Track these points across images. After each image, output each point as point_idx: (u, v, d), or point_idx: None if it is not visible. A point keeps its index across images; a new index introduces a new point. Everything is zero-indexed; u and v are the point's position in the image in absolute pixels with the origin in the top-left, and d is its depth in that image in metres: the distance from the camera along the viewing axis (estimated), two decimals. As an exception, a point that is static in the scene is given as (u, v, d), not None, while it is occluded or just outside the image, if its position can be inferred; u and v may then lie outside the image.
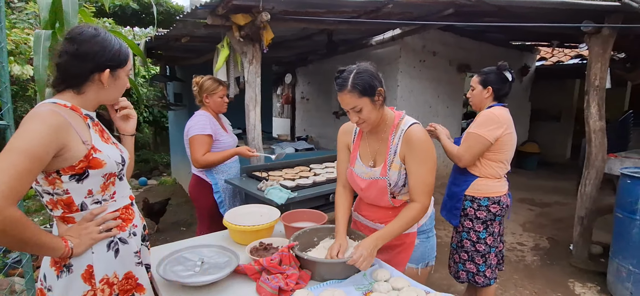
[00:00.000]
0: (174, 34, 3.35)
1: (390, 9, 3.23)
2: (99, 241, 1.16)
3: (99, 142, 1.18)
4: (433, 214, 1.69)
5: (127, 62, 1.23)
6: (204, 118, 2.36)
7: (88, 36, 1.14)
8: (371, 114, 1.43)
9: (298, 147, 4.87)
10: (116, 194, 1.24)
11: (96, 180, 1.15)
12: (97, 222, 1.16)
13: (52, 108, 1.07)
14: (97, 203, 1.18)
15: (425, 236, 1.63)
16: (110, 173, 1.19)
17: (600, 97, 2.97)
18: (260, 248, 1.61)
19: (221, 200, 2.49)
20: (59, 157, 1.06)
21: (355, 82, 1.38)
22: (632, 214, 2.57)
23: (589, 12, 2.82)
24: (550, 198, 5.35)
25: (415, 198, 1.46)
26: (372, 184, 1.54)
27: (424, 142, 1.45)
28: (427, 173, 1.45)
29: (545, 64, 7.46)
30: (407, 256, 1.59)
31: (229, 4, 2.42)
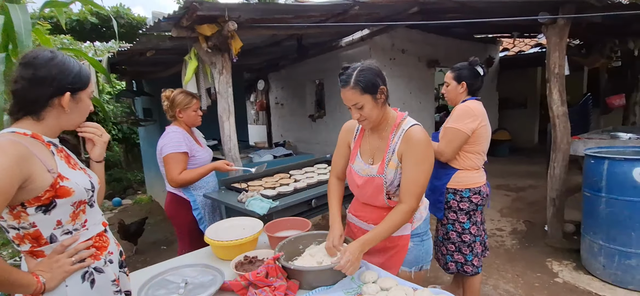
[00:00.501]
0: (138, 48, 3.23)
1: (357, 10, 3.27)
2: (73, 273, 1.10)
3: (65, 168, 1.11)
4: (428, 217, 1.65)
5: (89, 83, 1.17)
6: (178, 135, 2.25)
7: (44, 60, 1.07)
8: (372, 112, 1.44)
9: (276, 153, 4.82)
10: (88, 222, 1.18)
11: (65, 210, 1.09)
12: (69, 253, 1.10)
13: (11, 138, 1.00)
14: (67, 233, 1.11)
15: (420, 240, 1.60)
16: (80, 200, 1.12)
17: (561, 84, 3.12)
18: (245, 262, 1.57)
19: (201, 216, 2.39)
20: (23, 189, 0.99)
21: (358, 79, 1.39)
22: (598, 192, 2.71)
23: (545, 4, 2.97)
24: (524, 182, 5.57)
25: (404, 199, 1.45)
26: (368, 181, 1.53)
27: (423, 143, 1.43)
28: (421, 174, 1.43)
29: (508, 54, 7.79)
30: (400, 259, 1.56)
31: (194, 15, 2.35)
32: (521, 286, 2.85)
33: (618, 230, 2.62)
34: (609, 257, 2.71)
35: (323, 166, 3.17)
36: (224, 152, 3.03)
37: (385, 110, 1.51)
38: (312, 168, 3.08)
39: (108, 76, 3.41)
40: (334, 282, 1.40)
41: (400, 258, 1.57)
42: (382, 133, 1.54)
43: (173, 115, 2.33)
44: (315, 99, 6.98)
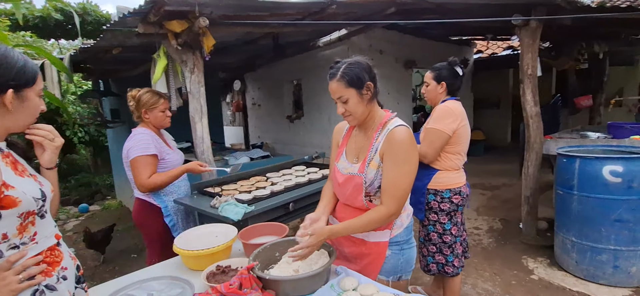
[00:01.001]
0: (102, 45, 3.03)
1: (334, 9, 3.21)
2: (20, 291, 0.98)
3: (11, 176, 1.00)
4: (410, 226, 1.56)
5: (36, 79, 1.06)
6: (146, 137, 2.12)
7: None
8: (357, 107, 1.40)
9: (253, 155, 4.69)
10: (38, 235, 1.06)
11: (11, 221, 0.97)
12: (15, 271, 0.98)
13: None
14: (14, 248, 1.00)
15: (399, 249, 1.52)
16: (28, 211, 1.01)
17: (534, 85, 3.19)
18: (217, 273, 1.47)
19: (173, 223, 2.26)
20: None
21: (344, 72, 1.37)
22: (570, 190, 2.78)
23: (518, 7, 3.02)
24: (498, 180, 5.70)
25: (384, 201, 1.40)
26: (348, 180, 1.48)
27: (405, 144, 1.38)
28: (401, 176, 1.37)
29: (482, 56, 8.00)
30: (377, 267, 1.49)
31: (161, 10, 2.21)
32: (499, 284, 2.88)
33: (589, 227, 2.69)
34: (581, 253, 2.77)
35: (301, 168, 3.08)
36: (196, 155, 2.89)
37: (373, 108, 1.47)
38: (290, 171, 2.99)
39: (70, 75, 3.19)
40: (312, 291, 1.32)
41: (377, 266, 1.49)
42: (367, 132, 1.49)
43: (139, 115, 2.19)
44: (293, 100, 6.88)
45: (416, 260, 2.31)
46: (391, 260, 1.50)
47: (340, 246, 1.62)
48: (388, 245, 1.49)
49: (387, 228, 1.48)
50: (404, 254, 1.53)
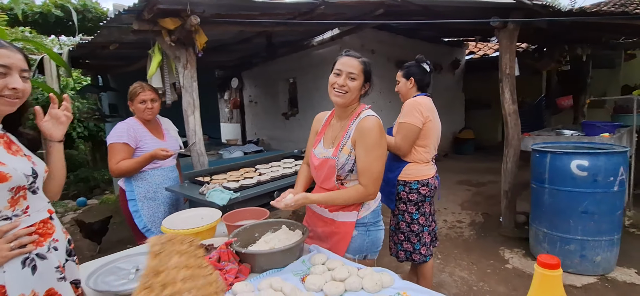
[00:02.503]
0: (99, 41, 3.18)
1: (323, 10, 3.36)
2: (11, 258, 1.10)
3: (3, 154, 1.11)
4: (377, 210, 1.69)
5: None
6: (123, 126, 2.25)
7: None
8: (355, 90, 1.57)
9: (247, 150, 4.85)
10: (30, 209, 1.18)
11: (2, 195, 1.09)
12: (7, 239, 1.09)
13: None
14: (6, 219, 1.12)
15: (365, 229, 1.64)
16: (19, 186, 1.12)
17: (511, 84, 3.34)
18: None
19: (136, 209, 2.31)
20: None
21: (366, 62, 1.60)
22: (542, 183, 2.93)
23: (496, 10, 3.17)
24: (485, 178, 5.86)
25: (362, 182, 1.55)
26: (323, 163, 1.62)
27: (373, 131, 1.52)
28: (374, 160, 1.53)
29: (474, 57, 8.14)
30: (344, 245, 1.63)
31: (155, 8, 2.36)
32: (475, 273, 3.03)
33: (559, 219, 2.85)
34: (551, 243, 2.93)
35: (290, 161, 3.23)
36: (189, 147, 3.04)
37: (357, 101, 1.64)
38: (279, 163, 3.14)
39: (68, 69, 3.33)
40: (284, 265, 1.47)
41: (344, 244, 1.63)
42: (343, 122, 1.64)
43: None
44: (288, 97, 7.04)
45: (389, 247, 2.48)
46: (358, 239, 1.64)
47: (314, 226, 1.77)
48: (355, 225, 1.63)
49: (355, 210, 1.63)
50: (369, 235, 1.66)
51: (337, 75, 1.57)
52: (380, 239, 1.74)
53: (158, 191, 2.38)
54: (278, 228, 1.69)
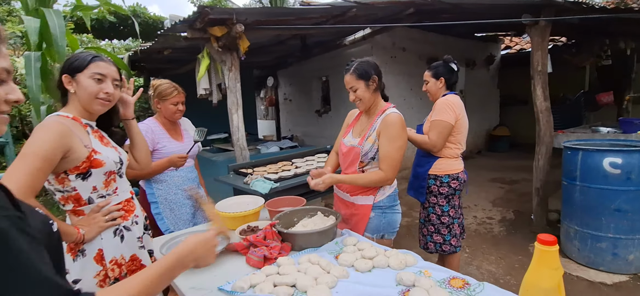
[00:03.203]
0: (156, 47, 3.58)
1: (355, 12, 3.53)
2: (106, 229, 1.39)
3: (98, 145, 1.39)
4: (393, 195, 1.91)
5: (84, 67, 1.35)
6: (142, 127, 2.15)
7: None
8: (364, 94, 1.81)
9: (282, 145, 5.14)
10: (118, 189, 1.47)
11: (99, 178, 1.37)
12: (103, 213, 1.39)
13: (56, 119, 1.31)
14: (101, 197, 1.41)
15: (381, 212, 1.88)
16: (110, 171, 1.41)
17: (544, 81, 3.34)
18: (248, 230, 1.87)
19: (157, 212, 2.25)
20: (66, 159, 1.27)
21: (355, 68, 1.81)
22: (573, 181, 2.95)
23: (528, 7, 3.19)
24: (519, 175, 5.77)
25: (382, 168, 1.80)
26: (350, 150, 1.89)
27: (396, 125, 1.77)
28: (395, 150, 1.76)
29: (509, 52, 7.93)
30: (363, 225, 1.88)
31: (206, 18, 2.66)
32: (502, 267, 3.10)
33: (590, 216, 2.86)
34: (582, 241, 2.94)
35: (323, 155, 3.47)
36: (232, 142, 3.35)
37: (377, 98, 1.88)
38: (313, 157, 3.39)
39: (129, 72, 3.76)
40: (320, 245, 1.69)
41: (363, 224, 1.89)
42: (370, 118, 1.89)
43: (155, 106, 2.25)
44: (321, 95, 7.26)
45: (418, 239, 2.63)
46: (374, 220, 1.88)
47: (339, 208, 2.04)
48: (372, 207, 1.87)
49: (372, 194, 1.87)
50: (385, 216, 1.90)
51: (349, 92, 1.87)
52: (397, 221, 1.97)
53: (178, 193, 2.32)
54: (314, 214, 1.91)
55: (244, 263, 1.58)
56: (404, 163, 5.74)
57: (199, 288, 1.36)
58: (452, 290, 1.25)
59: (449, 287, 1.26)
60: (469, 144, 2.57)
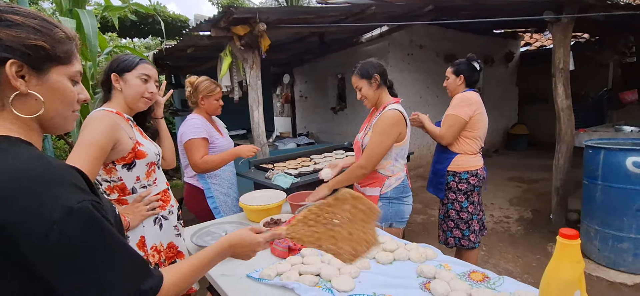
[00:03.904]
0: (181, 45, 3.70)
1: (374, 10, 3.57)
2: (147, 217, 1.50)
3: (140, 138, 1.51)
4: (400, 187, 2.04)
5: (132, 68, 1.47)
6: (198, 121, 2.25)
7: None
8: (368, 92, 1.98)
9: (299, 142, 5.22)
10: (157, 180, 1.58)
11: (141, 168, 1.48)
12: (145, 202, 1.49)
13: (104, 112, 1.42)
14: (143, 187, 1.51)
15: (388, 202, 2.02)
16: (151, 162, 1.52)
17: (565, 79, 3.30)
18: (271, 223, 1.95)
19: (215, 206, 2.35)
20: (114, 150, 1.38)
21: (358, 68, 2.00)
22: (595, 180, 2.91)
23: (550, 3, 3.16)
24: (538, 175, 5.69)
25: (361, 158, 1.96)
26: (356, 143, 2.11)
27: (383, 120, 1.90)
28: (374, 143, 1.91)
29: (529, 49, 7.78)
30: None
31: (230, 18, 2.75)
32: (520, 266, 3.10)
33: (612, 216, 2.82)
34: (603, 241, 2.91)
35: (340, 152, 3.52)
36: (253, 138, 3.44)
37: (382, 94, 2.02)
38: (331, 154, 3.45)
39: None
40: (341, 237, 1.76)
41: None
42: (375, 113, 2.04)
43: (195, 101, 2.32)
44: (337, 93, 7.31)
45: (437, 235, 2.66)
46: (382, 210, 2.01)
47: None
48: (379, 198, 2.00)
49: (378, 186, 2.01)
50: (392, 206, 2.03)
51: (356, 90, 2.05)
52: (405, 212, 2.09)
53: (229, 186, 2.44)
54: (334, 208, 1.99)
55: (269, 253, 1.66)
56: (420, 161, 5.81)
57: (229, 275, 1.45)
58: (472, 282, 1.29)
59: (469, 280, 1.30)
60: (486, 142, 2.58)
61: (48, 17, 0.72)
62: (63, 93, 0.73)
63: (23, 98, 0.69)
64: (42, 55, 0.69)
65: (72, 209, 0.60)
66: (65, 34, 0.73)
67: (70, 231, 0.59)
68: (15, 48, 0.65)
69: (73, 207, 0.60)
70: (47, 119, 0.73)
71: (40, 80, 0.70)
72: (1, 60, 0.65)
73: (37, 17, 0.70)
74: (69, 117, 0.77)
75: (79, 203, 0.61)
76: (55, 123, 0.76)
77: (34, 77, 0.69)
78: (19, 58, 0.66)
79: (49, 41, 0.69)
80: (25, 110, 0.69)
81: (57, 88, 0.72)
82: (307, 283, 1.31)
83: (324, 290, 1.26)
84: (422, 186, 4.35)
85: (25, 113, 0.69)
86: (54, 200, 0.60)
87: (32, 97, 0.69)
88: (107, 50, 3.26)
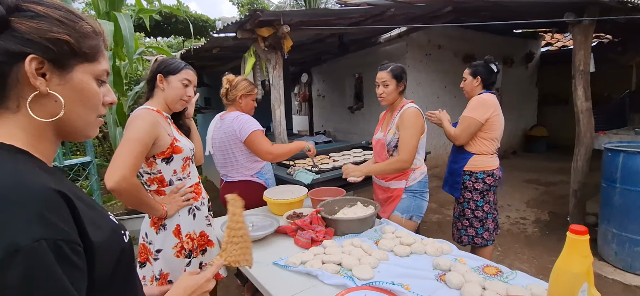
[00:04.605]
0: (207, 46, 3.87)
1: (394, 12, 3.64)
2: (183, 207, 1.64)
3: (177, 134, 1.65)
4: (424, 182, 2.22)
5: (177, 72, 1.62)
6: (250, 117, 2.30)
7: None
8: (392, 92, 2.13)
9: (317, 140, 5.33)
10: (191, 174, 1.72)
11: (178, 163, 1.63)
12: (180, 194, 1.64)
13: (146, 110, 1.56)
14: (179, 180, 1.66)
15: (412, 195, 2.18)
16: (187, 156, 1.66)
17: (585, 81, 3.29)
18: (293, 216, 2.07)
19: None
20: (155, 145, 1.53)
21: (393, 68, 2.12)
22: (613, 183, 2.92)
23: (571, 5, 3.16)
24: (556, 177, 5.64)
25: (400, 153, 2.09)
26: (378, 142, 2.25)
27: (410, 116, 2.08)
28: (409, 137, 2.05)
29: (550, 49, 7.65)
30: (394, 205, 2.20)
31: (256, 20, 2.89)
32: (535, 267, 3.13)
33: (630, 219, 2.82)
34: (620, 244, 2.91)
35: (358, 150, 3.63)
36: (274, 136, 3.58)
37: (399, 98, 2.19)
38: (349, 152, 3.56)
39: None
40: (360, 231, 1.86)
41: (395, 203, 2.20)
42: (393, 113, 2.19)
43: (234, 99, 2.35)
44: (354, 92, 7.38)
45: (451, 234, 2.73)
46: (405, 201, 2.18)
47: (376, 193, 2.37)
48: (404, 190, 2.18)
49: (404, 179, 2.17)
50: (415, 200, 2.19)
51: (377, 86, 2.17)
52: (424, 207, 2.24)
53: (273, 181, 2.52)
54: (354, 204, 2.08)
55: (292, 244, 1.78)
56: (437, 161, 5.87)
57: (257, 262, 1.57)
58: (486, 276, 1.37)
59: (482, 273, 1.39)
60: (503, 144, 2.62)
61: (73, 9, 0.64)
62: (87, 94, 0.65)
63: (41, 99, 0.60)
64: (66, 51, 0.61)
65: (19, 249, 0.46)
66: (92, 27, 0.65)
67: (8, 278, 0.45)
68: (35, 41, 0.57)
69: (22, 246, 0.46)
70: (66, 124, 0.64)
71: (62, 79, 0.61)
72: (20, 54, 0.56)
73: (62, 7, 0.61)
74: (92, 122, 0.68)
75: (34, 242, 0.47)
76: (76, 129, 0.66)
77: (56, 76, 0.60)
78: (40, 53, 0.57)
79: (74, 35, 0.61)
80: (42, 112, 0.60)
81: (82, 89, 0.64)
82: (330, 271, 1.42)
83: (346, 278, 1.36)
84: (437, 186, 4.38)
85: (42, 117, 0.60)
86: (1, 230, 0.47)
87: (51, 97, 0.60)
88: (139, 50, 3.46)
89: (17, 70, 0.57)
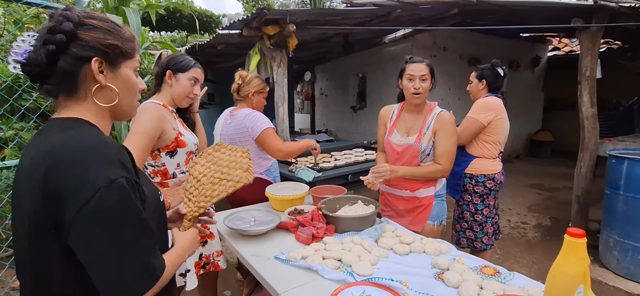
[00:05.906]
0: (212, 42, 3.89)
1: (399, 13, 3.64)
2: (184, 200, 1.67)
3: (182, 128, 1.69)
4: (444, 183, 2.11)
5: (186, 70, 1.66)
6: (261, 114, 2.32)
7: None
8: (427, 90, 1.94)
9: (319, 139, 5.34)
10: None
11: (182, 156, 1.66)
12: (183, 186, 1.67)
13: (153, 104, 1.59)
14: (182, 173, 1.69)
15: (441, 199, 2.07)
16: (190, 151, 1.69)
17: (591, 87, 3.28)
18: (295, 212, 2.09)
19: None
20: (160, 139, 1.56)
21: (430, 64, 1.95)
22: (617, 190, 2.91)
23: (579, 11, 3.14)
24: (559, 183, 5.61)
25: (440, 162, 1.94)
26: (407, 149, 1.99)
27: (451, 123, 1.96)
28: (451, 145, 1.93)
29: (557, 53, 7.60)
30: (426, 215, 2.03)
31: (263, 18, 2.91)
32: (534, 271, 3.12)
33: (633, 227, 2.81)
34: (623, 252, 2.90)
35: (360, 150, 3.63)
36: (277, 133, 3.60)
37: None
38: (351, 152, 3.56)
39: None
40: (361, 229, 1.87)
41: (426, 214, 2.03)
42: (418, 115, 2.02)
43: (246, 95, 2.35)
44: (357, 92, 7.39)
45: (449, 236, 2.73)
46: (436, 208, 2.04)
47: (394, 205, 2.14)
48: (434, 197, 2.02)
49: (432, 185, 2.02)
50: (443, 204, 2.09)
51: (411, 80, 1.91)
52: (446, 207, 2.14)
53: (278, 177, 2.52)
54: (354, 202, 2.09)
55: (293, 240, 1.79)
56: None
57: (258, 255, 1.59)
58: (484, 276, 1.38)
59: (480, 274, 1.40)
60: (507, 148, 2.62)
61: (114, 20, 0.85)
62: (132, 84, 0.86)
63: (101, 90, 0.81)
64: (116, 53, 0.81)
65: (113, 181, 0.70)
66: (130, 33, 0.87)
67: (107, 199, 0.69)
68: (96, 47, 0.78)
69: (114, 178, 0.70)
70: (118, 108, 0.86)
71: (114, 74, 0.82)
72: (87, 58, 0.77)
73: (107, 20, 0.82)
74: (134, 105, 0.91)
75: (120, 178, 0.72)
76: (124, 111, 0.88)
77: (110, 72, 0.81)
78: (100, 56, 0.78)
79: (120, 40, 0.82)
80: (103, 100, 0.82)
81: (128, 80, 0.85)
82: (330, 267, 1.43)
83: (345, 274, 1.38)
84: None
85: (103, 103, 0.82)
86: (101, 172, 0.70)
87: (108, 88, 0.82)
88: (145, 44, 3.49)
89: (84, 69, 0.78)
